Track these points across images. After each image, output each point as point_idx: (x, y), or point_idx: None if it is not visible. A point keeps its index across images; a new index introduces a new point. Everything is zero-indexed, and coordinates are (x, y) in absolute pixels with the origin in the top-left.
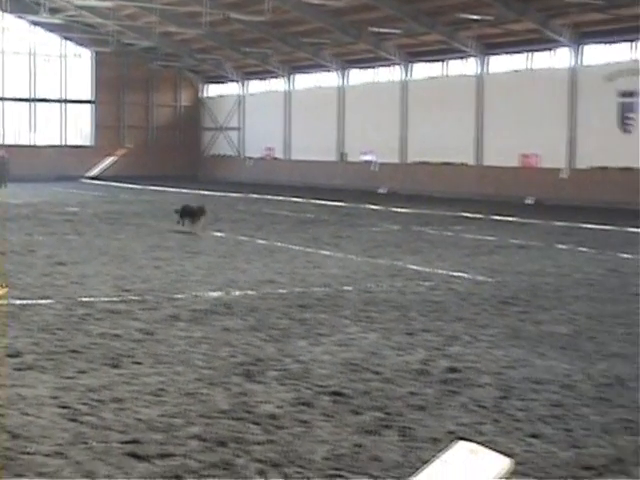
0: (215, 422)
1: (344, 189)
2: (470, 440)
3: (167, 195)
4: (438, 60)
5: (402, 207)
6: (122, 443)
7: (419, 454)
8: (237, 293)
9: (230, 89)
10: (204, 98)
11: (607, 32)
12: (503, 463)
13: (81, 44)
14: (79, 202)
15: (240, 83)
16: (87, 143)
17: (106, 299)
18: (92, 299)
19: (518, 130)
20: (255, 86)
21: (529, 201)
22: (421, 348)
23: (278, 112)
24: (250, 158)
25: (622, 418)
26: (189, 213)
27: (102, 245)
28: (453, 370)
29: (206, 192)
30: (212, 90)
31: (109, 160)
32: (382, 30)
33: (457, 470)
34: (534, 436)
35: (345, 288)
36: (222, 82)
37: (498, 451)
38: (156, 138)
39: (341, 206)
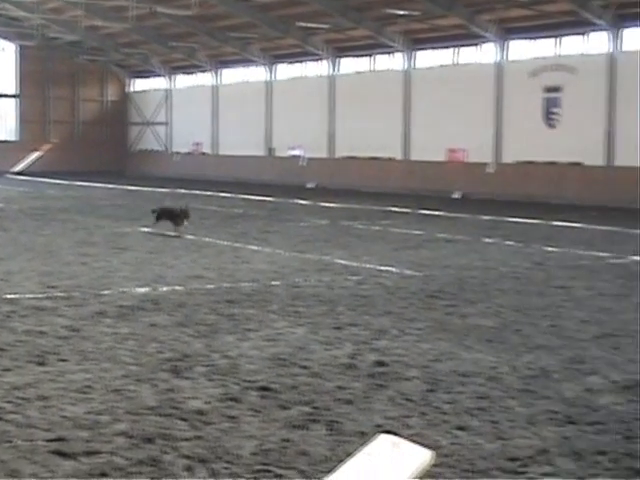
0: (142, 419)
1: (272, 184)
2: (397, 433)
3: (94, 190)
4: (365, 55)
5: (330, 202)
6: (47, 441)
7: (346, 448)
8: (164, 289)
9: (157, 84)
10: (131, 93)
11: (532, 28)
12: (424, 455)
13: (5, 37)
14: (4, 198)
15: (167, 77)
16: (12, 138)
17: (31, 296)
18: (17, 296)
19: (445, 125)
20: (182, 80)
21: (456, 195)
22: (349, 342)
23: (206, 107)
24: (178, 153)
25: (547, 409)
26: (169, 214)
27: (27, 241)
28: (381, 364)
29: (133, 187)
30: (139, 84)
31: (34, 155)
32: (310, 25)
33: (379, 463)
34: (460, 428)
35: (273, 283)
36: (149, 76)
37: (422, 444)
38: (82, 133)
39: (269, 201)
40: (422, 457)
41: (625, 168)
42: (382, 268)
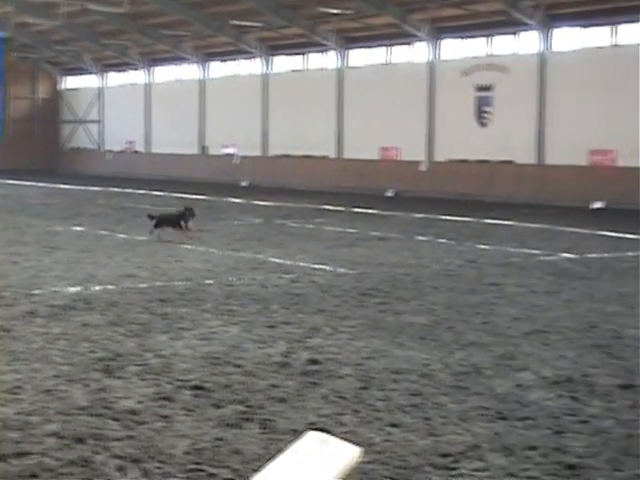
0: (73, 419)
1: (206, 182)
2: (327, 431)
3: (25, 189)
4: (299, 53)
5: (264, 200)
6: None
7: (279, 446)
8: (97, 288)
9: (89, 81)
10: (63, 90)
11: (464, 27)
12: (352, 452)
13: None
14: None
15: (99, 75)
16: None
17: None
18: None
19: (378, 123)
20: (115, 78)
21: (389, 194)
22: (282, 340)
23: (138, 105)
24: (110, 151)
25: (479, 405)
26: (169, 220)
27: None
28: (314, 362)
29: (65, 186)
30: (71, 82)
31: None
32: (243, 23)
33: (307, 460)
34: (393, 425)
35: (207, 282)
36: (81, 74)
37: (355, 441)
38: (13, 131)
39: (203, 199)
40: (350, 454)
41: (555, 166)
42: (316, 266)
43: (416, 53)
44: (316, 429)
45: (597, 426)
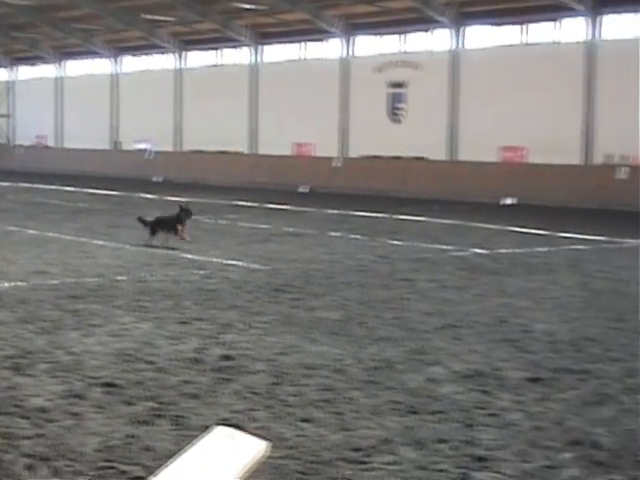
0: None
1: (118, 178)
2: (241, 427)
3: None
4: (213, 49)
5: (177, 196)
6: None
7: (190, 442)
8: (6, 285)
9: None
10: None
11: (377, 24)
12: (259, 446)
13: None
14: None
15: (9, 69)
16: None
17: None
18: None
19: (292, 119)
20: (25, 72)
21: (303, 189)
22: (195, 337)
23: (49, 99)
24: (20, 146)
25: (390, 400)
26: (165, 224)
27: None
28: (227, 358)
29: None
30: None
31: None
32: (156, 17)
33: (213, 455)
34: (305, 420)
35: (119, 278)
36: None
37: (268, 437)
38: None
39: (115, 195)
40: (257, 448)
41: (467, 163)
42: (229, 262)
43: (329, 49)
44: (228, 425)
45: (506, 419)
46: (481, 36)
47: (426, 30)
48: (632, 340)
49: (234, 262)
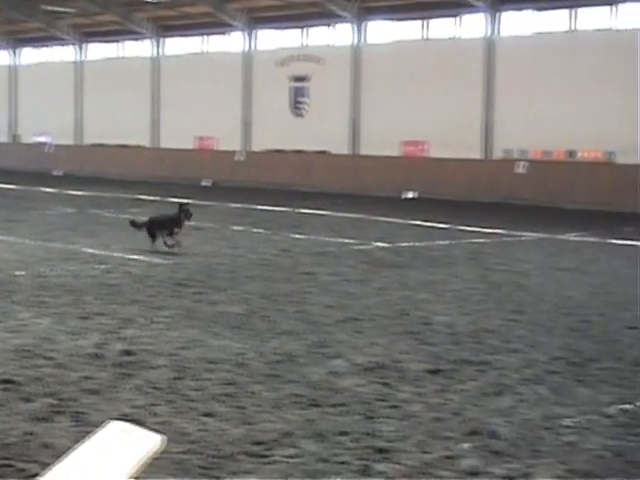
0: None
1: (17, 171)
2: (142, 422)
3: None
4: (114, 41)
5: (78, 190)
6: None
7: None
8: None
9: None
10: None
11: (279, 18)
12: (153, 440)
13: None
14: None
15: None
16: None
17: None
18: None
19: (195, 113)
20: None
21: (206, 183)
22: (96, 332)
23: None
24: None
25: (292, 393)
26: (163, 224)
27: None
28: (128, 353)
29: None
30: None
31: None
32: (56, 9)
33: (108, 449)
34: (207, 415)
35: (17, 273)
36: None
37: (169, 432)
38: None
39: (13, 189)
40: (151, 442)
41: (369, 157)
42: (130, 257)
43: (232, 43)
44: (129, 420)
45: (407, 410)
46: (383, 31)
47: (328, 24)
48: (530, 332)
49: (136, 256)
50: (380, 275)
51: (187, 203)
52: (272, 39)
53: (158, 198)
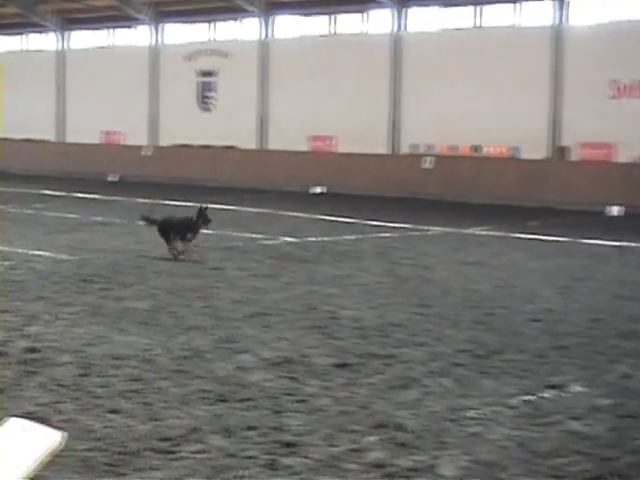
0: None
1: None
2: (49, 419)
3: None
4: (17, 34)
5: None
6: None
7: None
8: None
9: None
10: None
11: (187, 12)
12: (54, 437)
13: None
14: None
15: None
16: None
17: None
18: None
19: (101, 107)
20: None
21: (113, 178)
22: None
23: None
24: None
25: (200, 389)
26: (180, 227)
27: None
28: (32, 350)
29: None
30: None
31: None
32: None
33: (5, 447)
34: (114, 412)
35: None
36: None
37: (74, 429)
38: None
39: None
40: (51, 440)
41: (277, 152)
42: (35, 252)
43: (139, 36)
44: (31, 418)
45: (314, 404)
46: (291, 26)
47: (236, 19)
48: (436, 325)
49: (40, 252)
50: (288, 270)
51: (207, 207)
52: (179, 33)
53: (63, 193)
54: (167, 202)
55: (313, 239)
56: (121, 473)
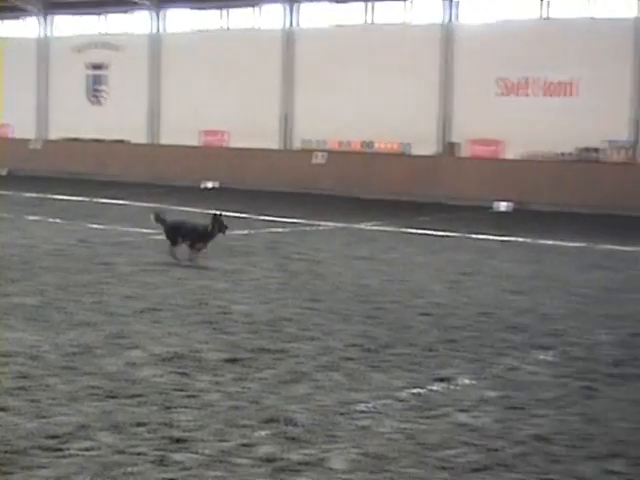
0: None
1: None
2: None
3: None
4: None
5: None
6: None
7: None
8: None
9: None
10: None
11: (76, 4)
12: None
13: None
14: None
15: None
16: None
17: None
18: None
19: None
20: None
21: (0, 172)
22: None
23: None
24: None
25: (89, 385)
26: (191, 232)
27: None
28: None
29: None
30: None
31: None
32: None
33: None
34: (0, 409)
35: None
36: None
37: None
38: None
39: None
40: None
41: (168, 146)
42: None
43: (27, 28)
44: None
45: (204, 400)
46: (182, 20)
47: (126, 11)
48: (327, 319)
49: None
50: (178, 265)
51: (221, 214)
52: (69, 25)
53: None
54: (55, 197)
55: None
56: (7, 472)
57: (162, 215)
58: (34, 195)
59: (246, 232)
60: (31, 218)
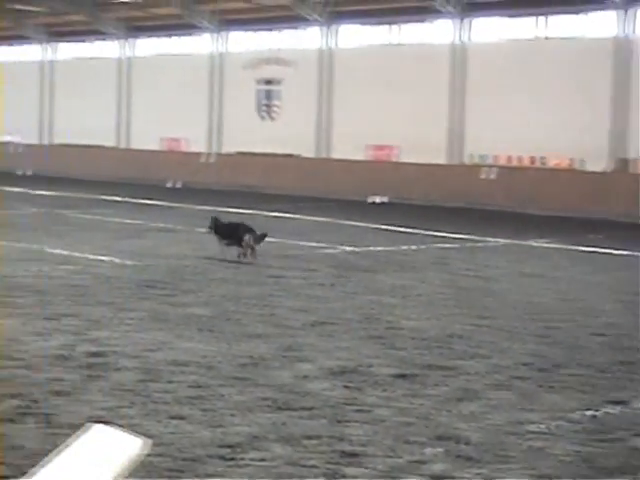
0: None
1: None
2: (112, 424)
3: None
4: (81, 41)
5: (44, 190)
6: None
7: (60, 440)
8: None
9: None
10: None
11: (250, 20)
12: (137, 444)
13: None
14: None
15: None
16: None
17: None
18: None
19: (164, 114)
20: None
21: (173, 185)
22: (63, 333)
23: None
24: None
25: (261, 396)
26: (243, 232)
27: None
28: (96, 354)
29: None
30: None
31: None
32: (24, 7)
33: (89, 453)
34: (176, 417)
35: None
36: None
37: (139, 433)
38: None
39: None
40: (134, 446)
41: (337, 160)
42: (98, 257)
43: (201, 44)
44: (98, 422)
45: (374, 415)
46: (353, 35)
47: (297, 28)
48: (497, 337)
49: (103, 257)
50: (348, 279)
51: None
52: (242, 41)
53: (125, 199)
54: (227, 210)
55: (373, 248)
56: (183, 478)
57: (219, 219)
58: (207, 208)
59: (414, 247)
60: (202, 230)
